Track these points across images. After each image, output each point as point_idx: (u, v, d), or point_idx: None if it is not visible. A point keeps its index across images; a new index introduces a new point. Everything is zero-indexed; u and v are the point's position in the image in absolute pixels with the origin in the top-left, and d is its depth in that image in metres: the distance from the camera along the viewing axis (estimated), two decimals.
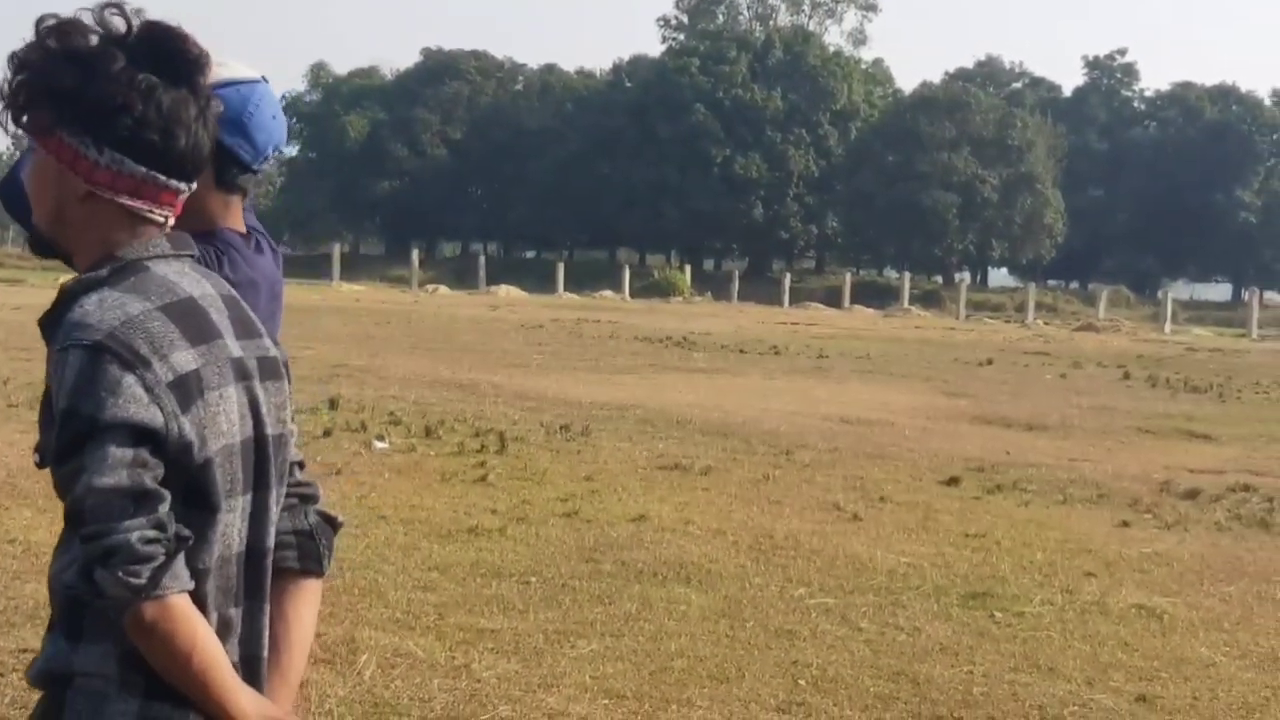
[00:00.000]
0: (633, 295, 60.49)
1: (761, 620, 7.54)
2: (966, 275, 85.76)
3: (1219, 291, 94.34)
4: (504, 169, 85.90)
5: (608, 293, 60.56)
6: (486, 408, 15.98)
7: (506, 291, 57.39)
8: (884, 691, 6.44)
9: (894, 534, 10.03)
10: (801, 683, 6.51)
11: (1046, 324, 52.56)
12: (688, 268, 72.69)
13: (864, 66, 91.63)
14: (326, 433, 13.24)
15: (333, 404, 15.15)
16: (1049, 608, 8.13)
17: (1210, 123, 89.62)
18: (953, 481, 12.43)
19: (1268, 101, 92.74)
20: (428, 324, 32.33)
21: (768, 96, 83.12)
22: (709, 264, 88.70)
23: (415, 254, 66.07)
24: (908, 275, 70.48)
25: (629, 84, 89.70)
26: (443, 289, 58.76)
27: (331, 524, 2.45)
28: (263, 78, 3.01)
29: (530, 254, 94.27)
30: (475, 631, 7.03)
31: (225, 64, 2.83)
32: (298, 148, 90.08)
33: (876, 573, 8.75)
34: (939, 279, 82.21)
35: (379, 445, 12.73)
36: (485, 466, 11.80)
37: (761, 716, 6.05)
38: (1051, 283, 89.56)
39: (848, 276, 71.74)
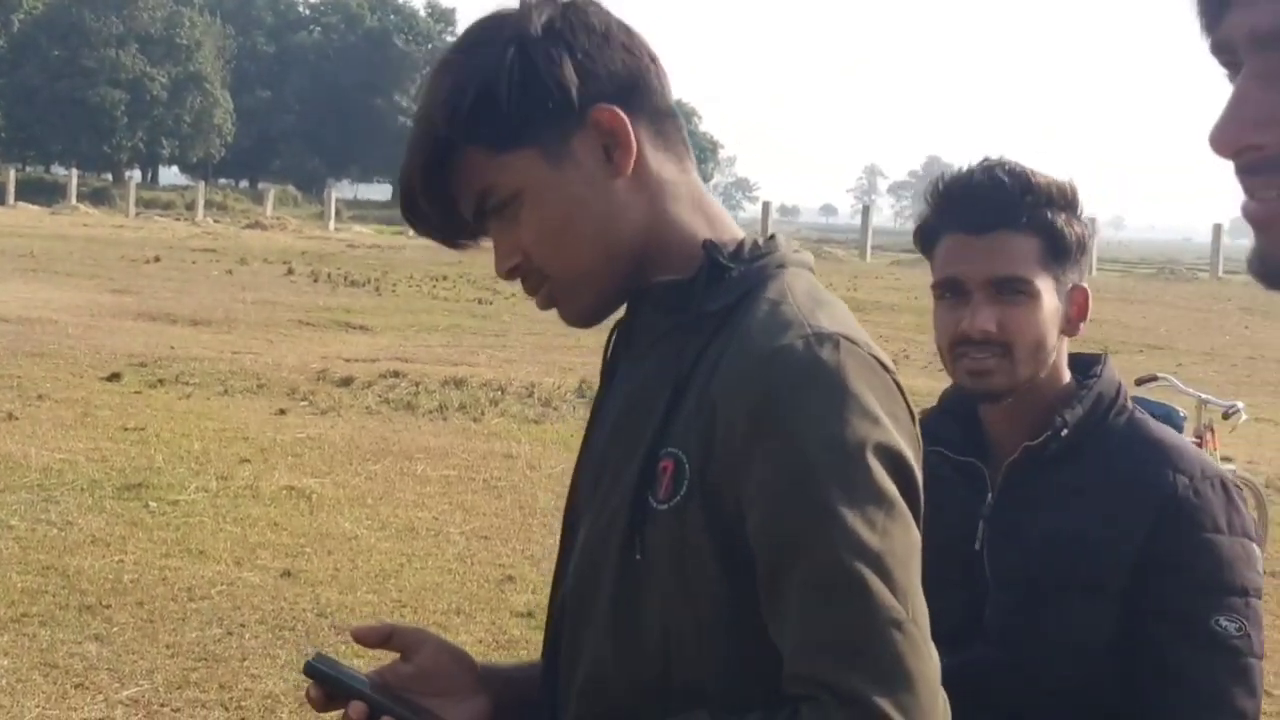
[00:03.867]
0: None
1: None
2: (137, 173, 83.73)
3: (380, 191, 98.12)
4: None
5: None
6: None
7: None
8: (31, 586, 6.43)
9: (51, 431, 9.89)
10: None
11: (216, 222, 52.32)
12: None
13: None
14: None
15: None
16: (203, 495, 8.38)
17: (370, 30, 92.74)
18: (114, 377, 12.37)
19: (423, 13, 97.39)
20: None
21: None
22: None
23: None
24: (75, 172, 67.84)
25: None
26: None
27: None
28: None
29: None
30: None
31: None
32: None
33: (30, 470, 8.62)
34: (109, 176, 79.72)
35: None
36: None
37: None
38: (222, 181, 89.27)
39: (12, 173, 67.48)
